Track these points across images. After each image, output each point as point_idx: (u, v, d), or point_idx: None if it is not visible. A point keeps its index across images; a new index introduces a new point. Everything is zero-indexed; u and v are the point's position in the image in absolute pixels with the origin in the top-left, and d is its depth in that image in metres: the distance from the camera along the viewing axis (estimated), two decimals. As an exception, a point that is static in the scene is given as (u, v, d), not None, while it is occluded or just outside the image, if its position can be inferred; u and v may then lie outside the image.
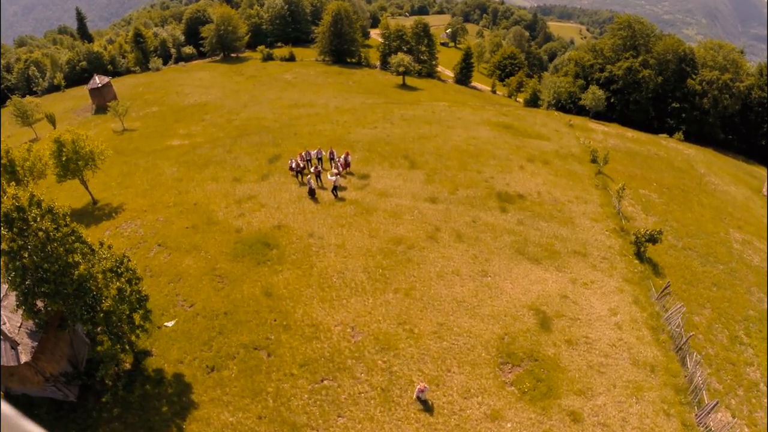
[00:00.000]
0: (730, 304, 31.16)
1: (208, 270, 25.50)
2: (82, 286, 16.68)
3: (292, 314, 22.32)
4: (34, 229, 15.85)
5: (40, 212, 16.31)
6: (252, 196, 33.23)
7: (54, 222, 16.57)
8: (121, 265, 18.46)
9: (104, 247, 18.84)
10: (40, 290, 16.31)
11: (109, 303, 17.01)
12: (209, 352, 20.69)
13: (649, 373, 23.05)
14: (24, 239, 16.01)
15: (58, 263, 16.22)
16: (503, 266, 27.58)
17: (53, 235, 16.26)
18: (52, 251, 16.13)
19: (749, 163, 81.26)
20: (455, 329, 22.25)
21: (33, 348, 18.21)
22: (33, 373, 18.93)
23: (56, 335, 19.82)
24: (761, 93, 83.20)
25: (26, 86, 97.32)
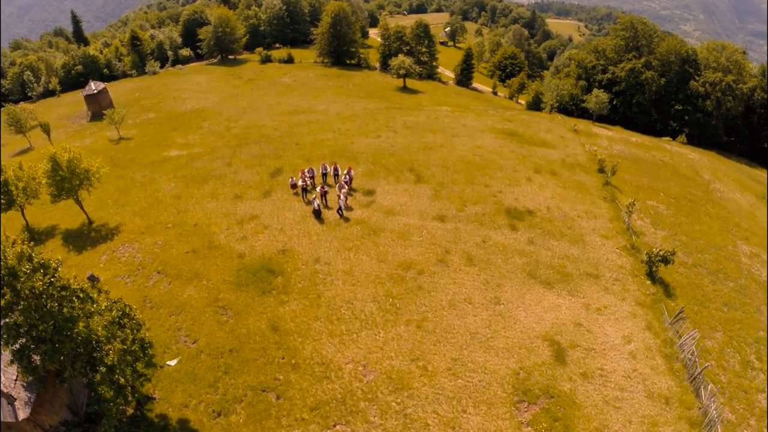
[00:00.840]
0: (742, 326, 30.63)
1: (211, 300, 24.70)
2: (82, 343, 15.84)
3: (300, 351, 21.56)
4: (26, 287, 14.94)
5: (31, 267, 15.37)
6: (254, 216, 32.40)
7: (46, 277, 15.61)
8: (124, 316, 17.61)
9: (103, 295, 17.94)
10: (37, 350, 15.46)
11: (112, 357, 16.19)
12: (215, 395, 19.91)
13: (663, 406, 22.45)
14: (14, 297, 15.10)
15: (54, 321, 15.34)
16: (515, 292, 26.88)
17: (46, 292, 15.35)
18: (46, 309, 15.25)
19: (752, 167, 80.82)
20: (470, 365, 21.55)
21: (31, 401, 17.32)
22: (32, 426, 18.10)
23: (54, 386, 18.94)
24: (764, 95, 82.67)
25: (21, 91, 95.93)
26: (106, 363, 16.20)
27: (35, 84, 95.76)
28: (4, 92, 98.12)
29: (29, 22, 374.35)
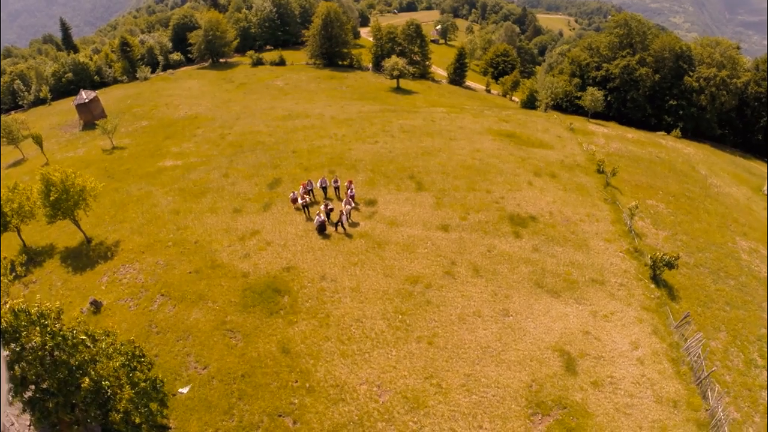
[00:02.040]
0: (744, 324, 31.00)
1: (218, 324, 24.53)
2: (93, 391, 15.63)
3: (313, 374, 21.49)
4: (27, 342, 14.69)
5: (28, 319, 15.08)
6: (255, 231, 32.21)
7: (45, 329, 15.35)
8: (134, 358, 17.38)
9: (111, 338, 17.68)
10: (48, 401, 15.23)
11: (125, 404, 16.01)
12: (231, 422, 19.78)
13: (672, 409, 22.71)
14: (17, 352, 14.83)
15: (60, 373, 15.13)
16: (523, 302, 26.97)
17: (48, 344, 15.11)
18: (50, 360, 15.04)
19: (746, 158, 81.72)
20: (483, 380, 21.62)
21: None
22: None
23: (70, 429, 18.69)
24: (758, 88, 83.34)
25: (12, 100, 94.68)
26: (118, 409, 15.99)
27: (26, 93, 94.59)
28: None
29: (18, 29, 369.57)
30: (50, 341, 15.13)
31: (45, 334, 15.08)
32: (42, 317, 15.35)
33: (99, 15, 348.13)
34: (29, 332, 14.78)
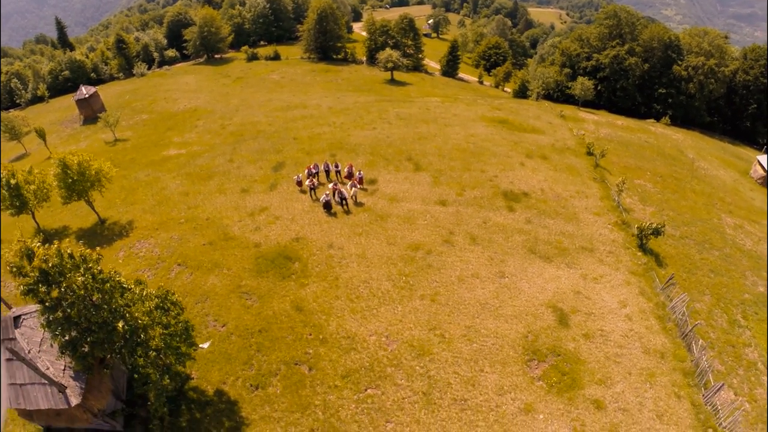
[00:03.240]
0: (728, 290, 33.15)
1: (234, 288, 26.41)
2: (128, 331, 17.40)
3: (326, 327, 23.46)
4: (71, 283, 16.42)
5: (73, 263, 16.84)
6: (264, 208, 34.08)
7: (89, 271, 17.14)
8: (166, 299, 19.22)
9: (143, 285, 19.49)
10: (87, 341, 16.96)
11: (157, 342, 17.82)
12: (251, 371, 21.70)
13: (659, 359, 24.79)
14: (62, 293, 16.50)
15: (101, 313, 16.91)
16: (518, 266, 29.05)
17: (91, 285, 16.88)
18: (91, 302, 16.79)
19: (734, 145, 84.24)
20: (482, 331, 23.67)
21: (81, 389, 18.73)
22: (82, 412, 19.57)
23: (100, 373, 20.46)
24: (746, 76, 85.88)
25: (9, 99, 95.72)
26: (152, 347, 17.80)
27: (23, 91, 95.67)
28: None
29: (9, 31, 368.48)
30: (92, 283, 16.92)
31: (88, 276, 16.88)
32: (84, 261, 17.16)
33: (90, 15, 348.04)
34: (74, 274, 16.54)
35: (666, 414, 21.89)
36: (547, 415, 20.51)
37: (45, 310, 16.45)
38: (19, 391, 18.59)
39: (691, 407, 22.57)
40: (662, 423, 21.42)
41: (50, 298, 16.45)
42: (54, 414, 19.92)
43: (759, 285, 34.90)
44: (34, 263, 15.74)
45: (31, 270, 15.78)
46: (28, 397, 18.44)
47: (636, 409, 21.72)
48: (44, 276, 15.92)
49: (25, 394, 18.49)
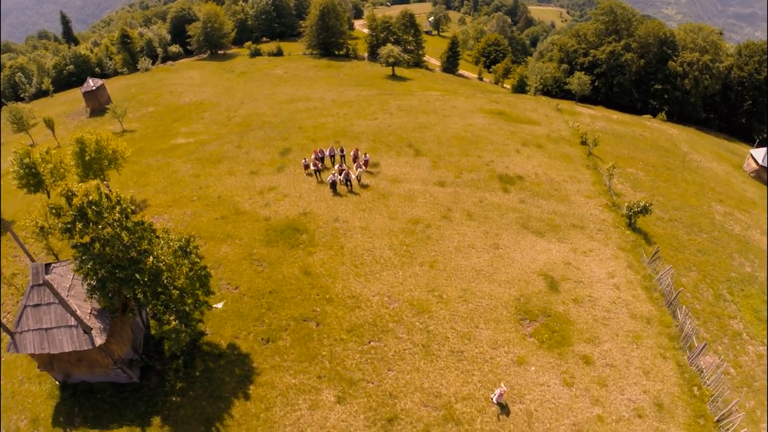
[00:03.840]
0: (714, 268, 35.10)
1: (246, 255, 28.41)
2: (154, 269, 19.39)
3: (332, 288, 25.47)
4: (108, 221, 18.41)
5: (110, 204, 18.92)
6: (273, 187, 36.09)
7: (123, 213, 19.20)
8: (189, 244, 21.21)
9: (168, 232, 21.53)
10: (117, 277, 18.93)
11: (182, 281, 19.81)
12: (262, 327, 23.68)
13: (645, 324, 26.77)
14: (96, 231, 18.51)
15: (132, 251, 18.91)
16: (512, 239, 31.08)
17: (125, 224, 18.91)
18: (125, 240, 18.80)
19: (730, 141, 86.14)
20: (478, 293, 25.69)
21: (105, 331, 20.61)
22: (103, 356, 21.34)
23: (122, 320, 22.39)
24: (741, 72, 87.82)
25: (13, 93, 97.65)
26: (177, 286, 19.80)
27: (27, 85, 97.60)
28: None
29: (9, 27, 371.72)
30: (125, 221, 18.90)
31: (122, 216, 18.89)
32: (119, 203, 19.16)
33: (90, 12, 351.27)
34: (109, 213, 18.53)
35: (652, 371, 23.83)
36: (538, 367, 22.51)
37: (79, 249, 18.36)
38: (44, 336, 20.23)
39: (677, 367, 24.51)
40: (648, 380, 23.37)
41: (86, 235, 18.41)
42: (75, 360, 21.61)
43: (746, 266, 36.80)
44: (75, 201, 17.74)
45: (70, 209, 17.75)
46: (53, 341, 20.11)
47: (623, 366, 23.70)
48: (81, 214, 17.88)
49: (50, 338, 20.16)
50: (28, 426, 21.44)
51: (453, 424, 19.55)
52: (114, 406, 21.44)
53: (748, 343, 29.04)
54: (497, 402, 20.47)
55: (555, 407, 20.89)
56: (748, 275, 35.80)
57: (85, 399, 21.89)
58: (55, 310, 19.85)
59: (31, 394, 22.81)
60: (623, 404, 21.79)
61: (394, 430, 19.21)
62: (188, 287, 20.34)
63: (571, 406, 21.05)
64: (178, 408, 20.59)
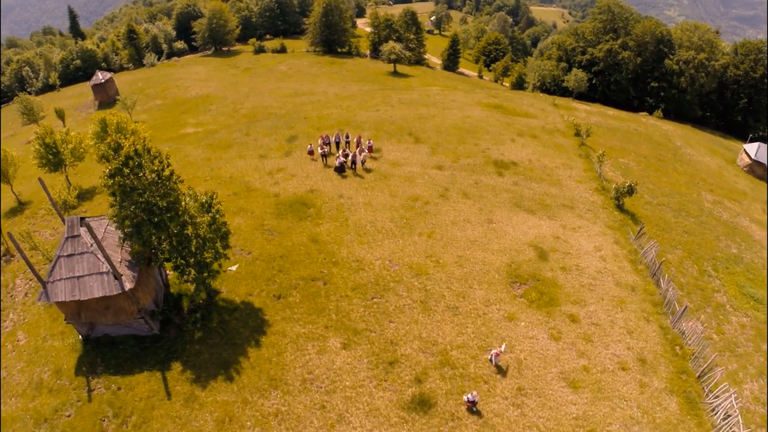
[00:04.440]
0: (700, 247, 37.44)
1: (258, 226, 30.87)
2: (182, 219, 21.90)
3: (338, 253, 27.95)
4: (149, 171, 20.98)
5: (150, 157, 21.48)
6: (281, 169, 38.59)
7: (161, 164, 21.75)
8: (212, 199, 23.69)
9: (193, 190, 24.08)
10: (151, 222, 21.41)
11: (204, 230, 22.32)
12: (273, 286, 26.13)
13: (630, 291, 29.15)
14: (137, 179, 21.05)
15: (167, 199, 21.47)
16: (505, 216, 33.56)
17: (162, 174, 21.48)
18: (162, 188, 21.35)
19: (726, 138, 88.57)
20: (472, 259, 28.18)
21: (133, 278, 22.91)
22: (129, 303, 23.64)
23: (147, 272, 24.77)
24: (737, 71, 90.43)
25: (19, 87, 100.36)
26: (200, 234, 22.30)
27: (34, 79, 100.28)
28: (2, 89, 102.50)
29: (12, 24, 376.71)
30: (163, 173, 21.43)
31: (160, 167, 21.44)
32: (158, 155, 21.67)
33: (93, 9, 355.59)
34: (149, 164, 21.08)
35: (635, 331, 26.19)
36: (528, 323, 24.95)
37: (121, 195, 20.87)
38: (76, 284, 22.33)
39: (660, 329, 26.82)
40: (632, 338, 25.72)
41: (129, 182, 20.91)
42: (103, 308, 23.63)
43: (732, 247, 39.04)
44: (122, 151, 20.28)
45: (118, 156, 20.32)
46: (84, 288, 22.22)
47: (608, 325, 26.08)
48: (126, 162, 20.43)
49: (81, 285, 22.25)
50: (51, 377, 23.36)
51: (449, 368, 21.99)
52: (135, 355, 23.59)
53: (731, 314, 31.16)
54: (495, 363, 22.32)
55: (543, 357, 23.30)
56: (734, 255, 38.02)
57: (107, 350, 23.93)
58: (87, 259, 22.22)
59: (53, 349, 24.77)
60: (608, 358, 24.16)
61: (394, 371, 21.65)
62: (209, 239, 22.80)
63: (559, 357, 23.46)
64: (197, 354, 22.98)
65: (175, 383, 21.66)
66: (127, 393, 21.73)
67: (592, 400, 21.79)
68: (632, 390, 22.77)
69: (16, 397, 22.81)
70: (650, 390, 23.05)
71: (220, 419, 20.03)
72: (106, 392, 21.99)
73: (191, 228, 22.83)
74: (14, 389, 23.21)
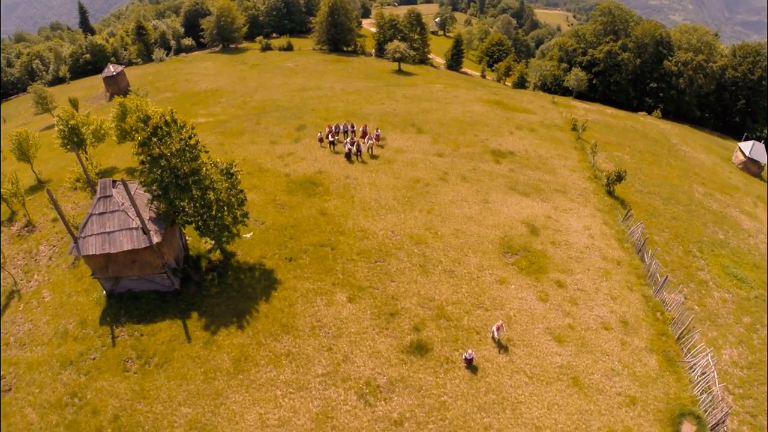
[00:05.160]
0: (686, 231, 39.93)
1: (270, 201, 33.73)
2: (205, 184, 24.77)
3: (344, 224, 30.80)
4: (176, 139, 23.84)
5: (176, 127, 24.36)
6: (291, 153, 41.49)
7: (187, 134, 24.63)
8: (232, 167, 26.54)
9: (214, 159, 26.98)
10: (177, 185, 24.23)
11: (224, 195, 25.18)
12: (285, 250, 28.96)
13: (615, 265, 31.81)
14: (166, 146, 23.89)
15: (192, 165, 24.33)
16: (500, 197, 36.39)
17: (188, 142, 24.35)
18: (188, 155, 24.22)
19: (724, 138, 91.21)
20: (467, 232, 31.00)
21: (160, 233, 25.53)
22: (155, 257, 26.12)
23: (171, 231, 27.43)
24: (735, 73, 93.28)
25: (30, 80, 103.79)
26: (220, 198, 25.15)
27: (44, 72, 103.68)
28: (13, 81, 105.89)
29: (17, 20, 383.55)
30: (187, 139, 24.26)
31: (186, 136, 24.29)
32: (184, 126, 24.53)
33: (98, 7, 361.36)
34: (178, 133, 23.94)
35: (619, 298, 28.83)
36: (517, 286, 27.72)
37: (150, 162, 23.70)
38: (106, 238, 24.98)
39: (642, 297, 29.44)
40: (615, 303, 28.34)
41: (158, 150, 23.74)
42: (130, 261, 25.96)
43: (719, 233, 41.41)
44: (150, 122, 23.17)
45: (146, 128, 23.21)
46: (114, 242, 24.88)
47: (592, 291, 28.78)
48: (155, 132, 23.31)
49: (111, 240, 24.91)
50: (76, 327, 25.75)
51: (444, 320, 24.76)
52: (157, 307, 26.15)
53: (714, 290, 33.51)
54: (497, 338, 24.12)
55: (531, 315, 26.03)
56: (720, 240, 40.44)
57: (130, 303, 26.42)
58: (118, 217, 25.03)
59: (78, 304, 27.19)
60: (592, 318, 26.85)
61: (395, 321, 24.42)
62: (229, 203, 25.65)
63: (545, 316, 26.19)
64: (214, 306, 25.77)
65: (195, 329, 24.43)
66: (150, 338, 24.43)
67: (576, 352, 24.48)
68: (614, 347, 25.43)
69: (42, 346, 25.20)
70: (631, 348, 25.70)
71: (236, 358, 22.81)
72: (130, 338, 24.63)
73: (212, 193, 25.66)
74: (40, 339, 25.62)
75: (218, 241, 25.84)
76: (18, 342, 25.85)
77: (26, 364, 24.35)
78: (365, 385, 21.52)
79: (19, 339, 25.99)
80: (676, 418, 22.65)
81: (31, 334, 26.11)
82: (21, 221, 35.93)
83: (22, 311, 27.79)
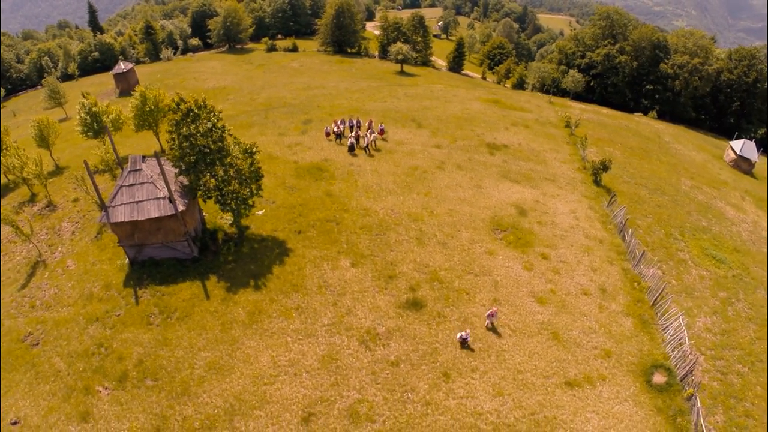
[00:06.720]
0: (670, 218, 42.97)
1: (280, 184, 37.35)
2: (228, 161, 28.38)
3: (348, 203, 34.42)
4: (204, 120, 27.50)
5: (206, 111, 28.03)
6: (298, 143, 45.15)
7: (215, 116, 28.30)
8: (252, 147, 30.12)
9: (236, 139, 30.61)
10: (204, 161, 27.83)
11: (246, 171, 28.76)
12: (294, 225, 32.54)
13: (598, 243, 35.14)
14: (195, 127, 27.54)
15: (218, 143, 27.96)
16: (492, 183, 39.97)
17: (216, 124, 28.00)
18: (215, 135, 27.86)
19: (718, 138, 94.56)
20: (460, 212, 34.58)
21: (185, 203, 28.99)
22: (179, 224, 29.30)
23: (193, 203, 30.85)
24: (730, 76, 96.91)
25: (38, 76, 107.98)
26: (242, 174, 28.74)
27: (53, 69, 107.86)
28: (22, 77, 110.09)
29: (22, 18, 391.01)
30: (214, 121, 27.89)
31: (213, 119, 27.93)
32: (212, 110, 28.17)
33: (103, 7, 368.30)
34: (204, 116, 27.59)
35: (599, 270, 32.09)
36: (504, 257, 31.20)
37: (180, 140, 27.31)
38: (134, 207, 28.30)
39: (621, 270, 32.57)
40: (596, 274, 31.62)
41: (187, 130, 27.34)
42: (155, 229, 29.08)
43: (702, 221, 44.26)
44: (183, 106, 26.82)
45: (180, 109, 26.89)
46: (141, 210, 28.24)
47: (575, 263, 32.11)
48: (188, 114, 26.97)
49: (139, 208, 28.25)
50: (101, 290, 28.76)
51: (437, 282, 28.26)
52: (177, 271, 29.40)
53: (692, 267, 36.35)
54: (491, 326, 26.31)
55: (516, 281, 29.48)
56: (703, 227, 43.41)
57: (152, 268, 29.59)
58: (147, 188, 28.58)
59: (102, 270, 30.29)
60: (572, 285, 30.18)
61: (393, 283, 27.97)
62: (248, 179, 29.24)
63: (530, 281, 29.63)
64: (231, 270, 29.31)
65: (213, 289, 27.93)
66: (171, 297, 27.79)
67: (556, 312, 27.85)
68: (592, 309, 28.71)
69: (68, 306, 28.16)
70: (608, 311, 28.94)
71: (250, 312, 26.30)
72: (152, 298, 27.90)
73: (233, 171, 29.26)
74: (65, 301, 28.59)
75: (237, 215, 29.37)
76: (44, 304, 28.74)
77: (53, 322, 27.25)
78: (366, 333, 24.99)
79: (45, 302, 28.88)
80: (648, 369, 25.79)
81: (56, 297, 29.09)
82: (42, 201, 39.35)
83: (48, 278, 30.85)
